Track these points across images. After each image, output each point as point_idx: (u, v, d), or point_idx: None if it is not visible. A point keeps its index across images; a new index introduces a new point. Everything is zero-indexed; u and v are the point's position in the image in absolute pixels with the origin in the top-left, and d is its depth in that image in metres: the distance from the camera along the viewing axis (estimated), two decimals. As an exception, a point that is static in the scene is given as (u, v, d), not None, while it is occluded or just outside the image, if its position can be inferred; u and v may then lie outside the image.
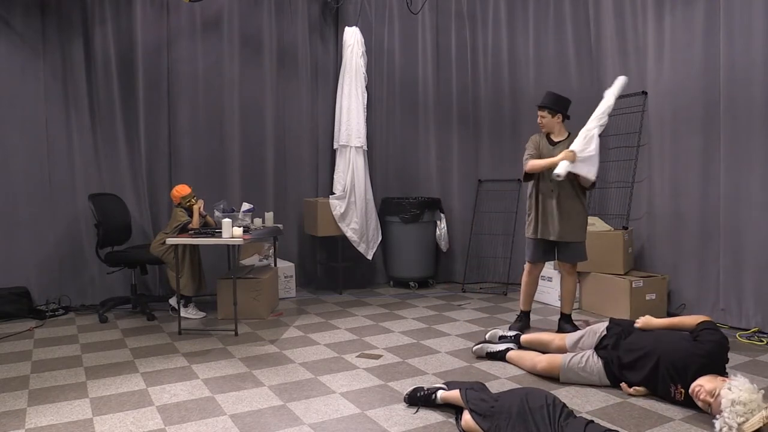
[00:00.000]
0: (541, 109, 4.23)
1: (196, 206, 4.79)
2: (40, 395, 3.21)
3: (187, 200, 4.82)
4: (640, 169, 5.18)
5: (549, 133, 4.28)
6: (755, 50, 4.19)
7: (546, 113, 4.22)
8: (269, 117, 5.89)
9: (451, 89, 6.24)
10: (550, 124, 4.23)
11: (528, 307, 4.42)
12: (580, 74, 5.74)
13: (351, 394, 3.21)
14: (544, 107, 4.22)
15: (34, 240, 5.06)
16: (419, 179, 6.33)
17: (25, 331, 4.50)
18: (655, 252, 5.06)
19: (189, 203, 4.81)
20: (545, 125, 4.24)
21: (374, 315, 4.95)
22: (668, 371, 2.99)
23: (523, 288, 4.39)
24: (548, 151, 4.21)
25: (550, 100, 4.21)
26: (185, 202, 4.81)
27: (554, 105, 4.20)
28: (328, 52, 6.25)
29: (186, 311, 4.89)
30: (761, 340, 4.07)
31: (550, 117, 4.20)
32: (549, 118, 4.20)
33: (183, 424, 2.83)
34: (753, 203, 4.26)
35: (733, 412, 2.53)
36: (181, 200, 4.80)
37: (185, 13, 5.51)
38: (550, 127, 4.23)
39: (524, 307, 4.41)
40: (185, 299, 4.87)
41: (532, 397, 2.52)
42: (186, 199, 4.81)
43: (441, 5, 6.23)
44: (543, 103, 4.23)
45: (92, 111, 5.24)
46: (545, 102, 4.23)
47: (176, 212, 4.81)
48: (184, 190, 4.80)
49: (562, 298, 4.36)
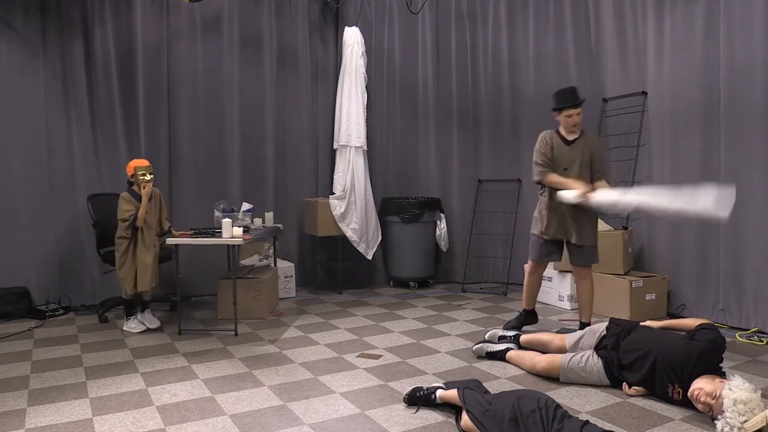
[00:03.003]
0: (577, 107, 3.99)
1: (145, 189, 4.20)
2: (40, 395, 3.21)
3: (142, 173, 4.21)
4: (640, 169, 5.18)
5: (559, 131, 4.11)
6: (755, 50, 4.19)
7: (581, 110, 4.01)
8: (269, 117, 5.89)
9: (451, 89, 6.24)
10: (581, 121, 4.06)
11: (531, 306, 4.33)
12: (580, 74, 5.74)
13: (351, 394, 3.21)
14: (581, 103, 3.99)
15: (34, 240, 5.06)
16: (419, 179, 6.33)
17: (25, 331, 4.50)
18: (655, 252, 5.06)
19: (142, 178, 4.19)
20: (578, 123, 4.04)
21: (374, 315, 4.95)
22: (665, 371, 2.99)
23: (526, 288, 4.29)
24: (563, 151, 4.04)
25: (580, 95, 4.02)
26: (139, 176, 4.21)
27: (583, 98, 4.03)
28: (328, 52, 6.25)
29: (129, 323, 4.43)
30: (761, 340, 4.07)
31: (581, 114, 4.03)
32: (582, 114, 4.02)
33: (183, 424, 2.83)
34: (753, 203, 4.26)
35: (736, 412, 2.53)
36: (135, 171, 4.23)
37: (185, 13, 5.51)
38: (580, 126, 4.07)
39: (527, 306, 4.33)
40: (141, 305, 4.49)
41: (525, 401, 2.49)
42: (141, 171, 4.21)
43: (441, 5, 6.23)
44: (578, 100, 3.99)
45: (92, 111, 5.24)
46: (579, 98, 4.00)
47: (121, 201, 4.26)
48: (141, 162, 4.29)
49: (580, 307, 4.17)
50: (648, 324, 3.41)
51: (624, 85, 5.34)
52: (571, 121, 4.00)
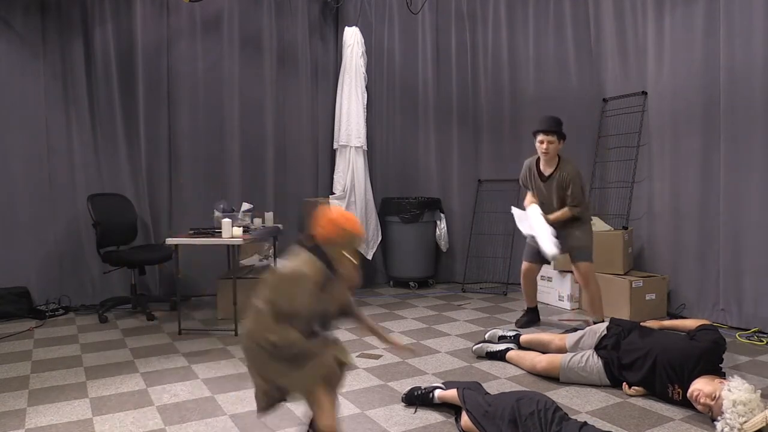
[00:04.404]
0: (548, 134, 3.93)
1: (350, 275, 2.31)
2: (40, 395, 3.21)
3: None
4: (640, 169, 5.18)
5: (538, 162, 4.12)
6: (755, 50, 4.19)
7: (554, 138, 3.95)
8: (269, 117, 5.89)
9: (451, 89, 6.24)
10: (555, 151, 4.00)
11: (533, 304, 4.52)
12: (580, 74, 5.74)
13: (351, 394, 3.21)
14: (552, 131, 3.92)
15: (34, 240, 5.06)
16: (419, 179, 6.33)
17: (25, 331, 4.50)
18: (655, 252, 5.05)
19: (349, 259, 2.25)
20: (550, 152, 3.99)
21: (374, 315, 4.95)
22: (665, 370, 2.99)
23: (522, 287, 4.52)
24: (540, 186, 4.08)
25: (556, 124, 3.95)
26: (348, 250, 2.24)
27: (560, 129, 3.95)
28: (328, 52, 6.25)
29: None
30: (761, 340, 4.07)
31: (557, 143, 3.98)
32: (556, 144, 3.98)
33: (183, 424, 2.83)
34: (753, 203, 4.26)
35: (735, 413, 2.53)
36: (343, 238, 2.21)
37: (185, 13, 5.51)
38: (553, 155, 4.03)
39: (530, 304, 4.53)
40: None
41: (524, 403, 2.50)
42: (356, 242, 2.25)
43: (441, 5, 6.23)
44: (551, 127, 3.92)
45: (92, 111, 5.24)
46: (553, 126, 3.92)
47: (294, 277, 2.18)
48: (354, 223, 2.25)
49: (589, 310, 4.31)
50: (648, 324, 3.42)
51: (624, 85, 5.34)
52: (542, 147, 4.03)
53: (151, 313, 4.83)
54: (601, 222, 5.12)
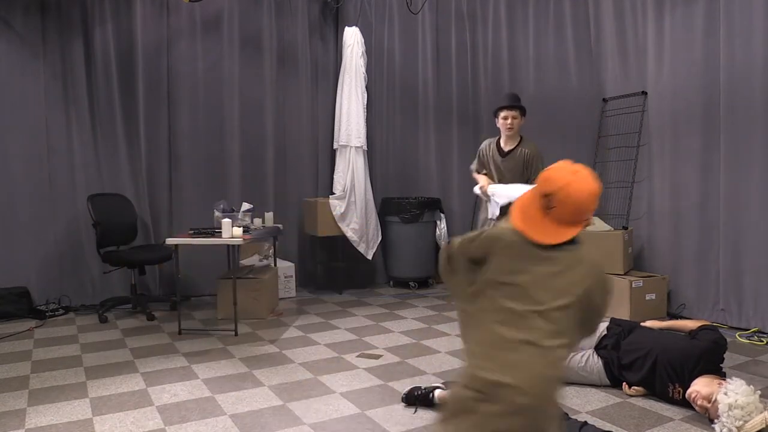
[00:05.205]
0: (512, 109, 3.99)
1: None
2: (40, 395, 3.21)
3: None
4: (640, 169, 5.18)
5: (499, 140, 4.13)
6: (755, 50, 4.19)
7: (518, 114, 4.01)
8: (269, 117, 5.89)
9: (451, 89, 6.24)
10: (518, 127, 4.04)
11: None
12: (580, 74, 5.74)
13: (351, 394, 3.21)
14: (516, 107, 3.98)
15: (34, 240, 5.06)
16: (419, 179, 6.32)
17: (25, 331, 4.50)
18: (655, 252, 5.06)
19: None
20: (515, 127, 4.03)
21: (374, 315, 4.95)
22: (666, 370, 2.99)
23: None
24: (498, 162, 4.07)
25: (518, 99, 4.01)
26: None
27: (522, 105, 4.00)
28: (328, 52, 6.25)
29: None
30: (761, 340, 4.07)
31: (520, 119, 4.02)
32: (519, 119, 4.02)
33: (183, 424, 2.83)
34: (753, 203, 4.26)
35: (731, 417, 2.54)
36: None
37: (185, 13, 5.51)
38: (517, 130, 4.05)
39: None
40: None
41: None
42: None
43: (441, 5, 6.23)
44: (514, 103, 3.99)
45: (92, 111, 5.24)
46: (516, 101, 3.99)
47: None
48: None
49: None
50: (648, 324, 3.41)
51: (624, 85, 5.34)
52: (506, 123, 4.01)
53: (151, 313, 4.83)
54: (601, 222, 5.12)
